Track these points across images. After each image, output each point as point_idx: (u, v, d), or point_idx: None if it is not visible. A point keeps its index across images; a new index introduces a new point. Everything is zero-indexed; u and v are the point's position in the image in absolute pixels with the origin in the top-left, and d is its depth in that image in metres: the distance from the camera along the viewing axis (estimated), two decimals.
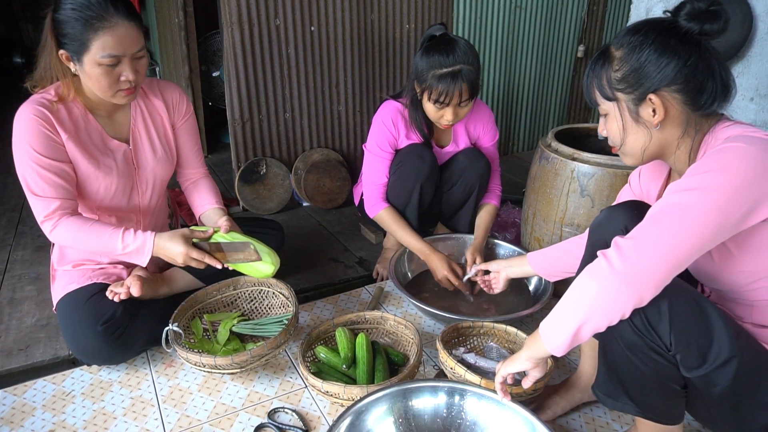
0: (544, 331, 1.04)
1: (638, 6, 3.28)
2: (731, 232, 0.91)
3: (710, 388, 0.97)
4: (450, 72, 1.63)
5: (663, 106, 0.99)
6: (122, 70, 1.33)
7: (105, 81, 1.32)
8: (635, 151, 1.06)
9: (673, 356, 0.98)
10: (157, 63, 3.87)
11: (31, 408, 1.42)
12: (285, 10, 2.36)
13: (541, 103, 3.35)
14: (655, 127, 1.01)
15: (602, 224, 1.18)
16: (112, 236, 1.39)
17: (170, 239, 1.40)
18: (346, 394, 1.28)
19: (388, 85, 2.73)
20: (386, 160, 1.89)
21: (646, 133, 1.03)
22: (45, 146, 1.35)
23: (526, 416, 1.15)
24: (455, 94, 1.65)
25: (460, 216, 2.03)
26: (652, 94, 0.98)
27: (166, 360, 1.59)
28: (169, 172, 1.63)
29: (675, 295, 0.95)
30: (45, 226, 1.39)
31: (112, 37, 1.28)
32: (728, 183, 0.88)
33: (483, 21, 2.93)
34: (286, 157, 2.61)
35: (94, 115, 1.45)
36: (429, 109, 1.74)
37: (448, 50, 1.63)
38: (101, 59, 1.29)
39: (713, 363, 0.94)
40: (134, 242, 1.39)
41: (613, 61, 1.02)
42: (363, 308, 1.85)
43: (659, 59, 0.96)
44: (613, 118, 1.06)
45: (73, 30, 1.27)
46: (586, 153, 1.73)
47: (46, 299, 1.87)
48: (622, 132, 1.05)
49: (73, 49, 1.30)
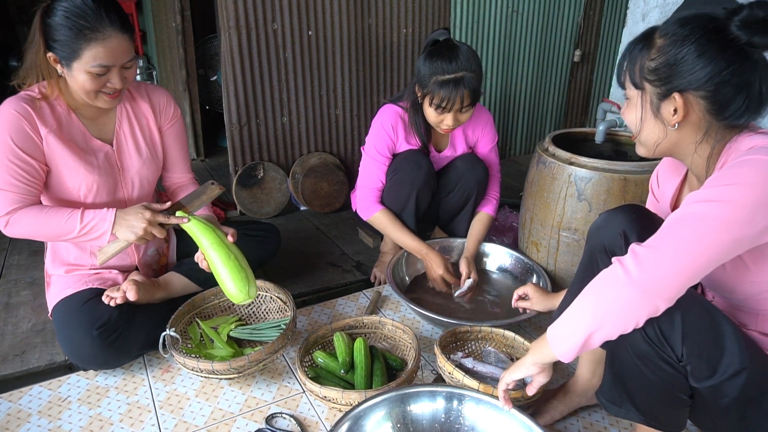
0: (552, 336, 1.02)
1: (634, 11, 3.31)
2: (749, 245, 0.90)
3: (718, 399, 0.96)
4: (452, 79, 1.63)
5: (684, 108, 0.96)
6: (110, 78, 1.33)
7: (90, 86, 1.33)
8: (648, 143, 1.04)
9: (683, 367, 0.97)
10: (155, 67, 3.87)
11: (27, 414, 1.41)
12: (282, 15, 2.36)
13: (539, 107, 3.36)
14: (672, 126, 0.99)
15: (600, 228, 1.18)
16: (71, 216, 1.37)
17: (130, 208, 1.39)
18: (344, 399, 1.28)
19: (385, 90, 2.74)
20: (383, 164, 1.89)
21: (662, 130, 1.00)
22: (22, 140, 1.34)
23: (524, 421, 1.15)
24: (456, 101, 1.66)
25: (458, 221, 2.03)
26: (677, 93, 0.95)
27: (163, 365, 1.58)
28: (156, 174, 1.63)
29: (688, 306, 0.94)
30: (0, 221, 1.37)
31: (104, 48, 1.28)
32: (750, 197, 0.86)
33: (480, 26, 2.94)
34: (284, 161, 2.61)
35: (78, 115, 1.45)
36: (429, 113, 1.74)
37: (450, 56, 1.64)
38: (91, 68, 1.29)
39: (723, 374, 0.93)
40: (94, 218, 1.37)
41: (652, 48, 0.97)
42: (361, 313, 1.85)
43: (696, 60, 0.92)
44: (634, 105, 1.03)
45: (64, 37, 1.27)
46: (583, 157, 1.73)
47: (41, 304, 1.85)
48: (640, 122, 1.02)
49: (63, 54, 1.30)
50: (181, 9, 2.95)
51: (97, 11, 1.27)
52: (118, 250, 1.41)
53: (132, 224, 1.36)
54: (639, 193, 1.67)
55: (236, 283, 1.39)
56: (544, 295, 1.56)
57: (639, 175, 1.66)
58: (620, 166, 1.68)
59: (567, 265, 1.83)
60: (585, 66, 3.40)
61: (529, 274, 1.92)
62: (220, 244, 1.40)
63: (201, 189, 1.46)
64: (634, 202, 1.62)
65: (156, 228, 1.38)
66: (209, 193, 1.44)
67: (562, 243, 1.81)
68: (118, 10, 1.32)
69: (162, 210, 1.40)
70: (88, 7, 1.26)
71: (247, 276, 1.41)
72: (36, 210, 1.37)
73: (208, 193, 1.45)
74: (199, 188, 1.47)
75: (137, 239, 1.37)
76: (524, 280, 1.93)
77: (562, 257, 1.83)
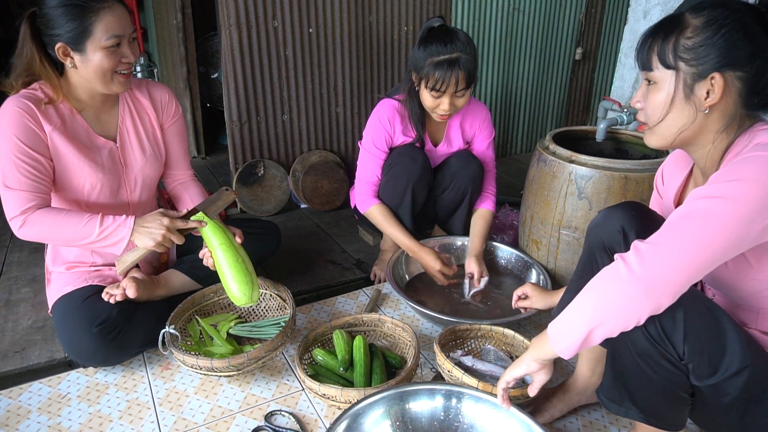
0: (552, 332, 1.01)
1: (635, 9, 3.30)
2: (753, 243, 0.89)
3: (719, 398, 0.96)
4: (447, 59, 1.63)
5: (721, 89, 0.93)
6: (123, 51, 1.35)
7: (107, 64, 1.33)
8: (670, 131, 0.99)
9: (684, 365, 0.97)
10: (156, 64, 3.87)
11: (27, 411, 1.41)
12: (283, 12, 2.36)
13: (540, 105, 3.36)
14: (704, 110, 0.96)
15: (599, 225, 1.17)
16: (90, 221, 1.35)
17: (148, 215, 1.38)
18: (343, 396, 1.28)
19: (386, 87, 2.73)
20: (380, 158, 1.90)
21: (692, 114, 0.96)
22: (27, 137, 1.33)
23: (523, 419, 1.15)
24: (452, 82, 1.66)
25: (455, 219, 2.03)
26: (717, 73, 0.92)
27: (162, 362, 1.58)
28: (158, 171, 1.62)
29: (690, 304, 0.93)
30: (14, 222, 1.35)
31: (113, 16, 1.30)
32: (756, 195, 0.85)
33: (481, 23, 2.93)
34: (284, 159, 2.61)
35: (82, 115, 1.45)
36: (426, 98, 1.74)
37: (446, 39, 1.64)
38: (105, 42, 1.30)
39: (725, 373, 0.93)
40: (114, 223, 1.36)
41: (687, 27, 0.94)
42: (360, 310, 1.85)
43: (741, 39, 0.90)
44: (661, 88, 0.98)
45: (69, 20, 1.27)
46: (583, 155, 1.73)
47: (42, 301, 1.86)
48: (668, 106, 0.98)
49: (73, 37, 1.29)
50: (182, 6, 2.95)
51: None
52: (137, 258, 1.40)
53: (151, 231, 1.35)
54: (640, 191, 1.66)
55: (240, 286, 1.39)
56: (544, 293, 1.55)
57: (640, 173, 1.66)
58: (621, 164, 1.68)
59: (567, 264, 1.83)
60: (586, 64, 3.39)
61: (529, 272, 1.92)
62: (229, 246, 1.40)
63: (216, 195, 1.46)
64: (635, 200, 1.62)
65: (175, 234, 1.37)
66: (224, 199, 1.45)
67: (563, 241, 1.81)
68: None
69: (180, 216, 1.40)
70: None
71: (252, 280, 1.41)
72: (54, 212, 1.36)
73: (224, 198, 1.45)
74: (214, 194, 1.47)
75: (156, 245, 1.35)
76: (524, 278, 1.93)
77: (562, 255, 1.83)
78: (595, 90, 3.53)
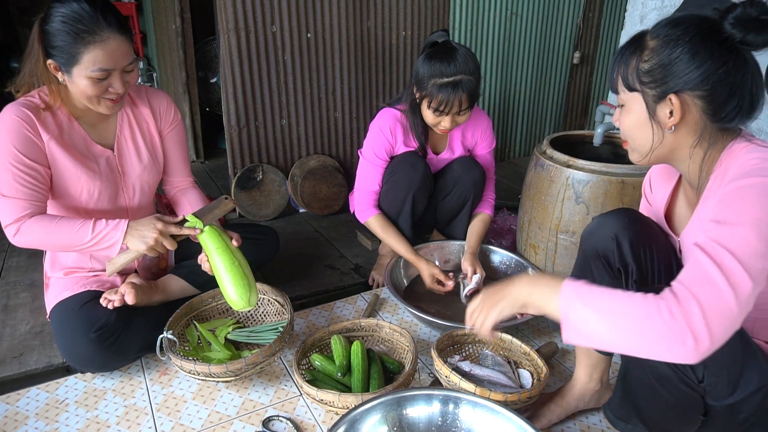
0: (566, 309, 0.88)
1: (633, 14, 3.31)
2: None
3: (735, 416, 0.95)
4: (450, 82, 1.64)
5: (681, 110, 0.94)
6: (111, 82, 1.33)
7: (92, 92, 1.32)
8: (644, 149, 1.01)
9: (702, 388, 0.95)
10: (155, 69, 3.87)
11: (24, 416, 1.41)
12: (282, 17, 2.36)
13: (538, 109, 3.36)
14: (669, 129, 0.97)
15: (593, 232, 1.17)
16: (83, 226, 1.36)
17: (142, 219, 1.38)
18: (340, 402, 1.28)
19: (384, 92, 2.74)
20: (380, 168, 1.90)
21: (659, 133, 0.98)
22: (24, 146, 1.34)
23: (521, 424, 1.15)
24: (455, 104, 1.66)
25: (456, 224, 2.03)
26: (673, 94, 0.93)
27: (160, 368, 1.58)
28: (156, 178, 1.63)
29: None
30: (9, 230, 1.35)
31: (103, 51, 1.28)
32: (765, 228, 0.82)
33: (479, 28, 2.94)
34: (283, 164, 2.61)
35: (79, 122, 1.45)
36: (427, 115, 1.75)
37: (449, 59, 1.64)
38: (91, 73, 1.29)
39: (743, 392, 0.91)
40: (106, 227, 1.36)
41: (645, 50, 0.96)
42: (359, 315, 1.85)
43: (691, 60, 0.91)
44: (630, 110, 1.00)
45: (63, 42, 1.27)
46: (580, 160, 1.73)
47: (40, 306, 1.86)
48: (638, 126, 1.00)
49: (63, 60, 1.29)
50: (180, 11, 2.96)
51: (94, 14, 1.27)
52: (127, 260, 1.40)
53: (144, 234, 1.35)
54: (636, 196, 1.67)
55: (237, 290, 1.39)
56: None
57: (637, 177, 1.66)
58: (618, 168, 1.68)
59: (565, 268, 1.83)
60: (584, 68, 3.40)
61: None
62: (225, 250, 1.40)
63: (215, 203, 1.46)
64: (632, 204, 1.63)
65: (167, 239, 1.37)
66: (222, 207, 1.45)
67: (560, 246, 1.81)
68: (116, 13, 1.32)
69: (174, 222, 1.40)
70: (85, 11, 1.26)
71: (249, 283, 1.41)
72: (47, 219, 1.36)
73: (222, 207, 1.45)
74: (212, 202, 1.47)
75: (147, 249, 1.36)
76: None
77: (560, 260, 1.84)
78: (593, 94, 3.54)
